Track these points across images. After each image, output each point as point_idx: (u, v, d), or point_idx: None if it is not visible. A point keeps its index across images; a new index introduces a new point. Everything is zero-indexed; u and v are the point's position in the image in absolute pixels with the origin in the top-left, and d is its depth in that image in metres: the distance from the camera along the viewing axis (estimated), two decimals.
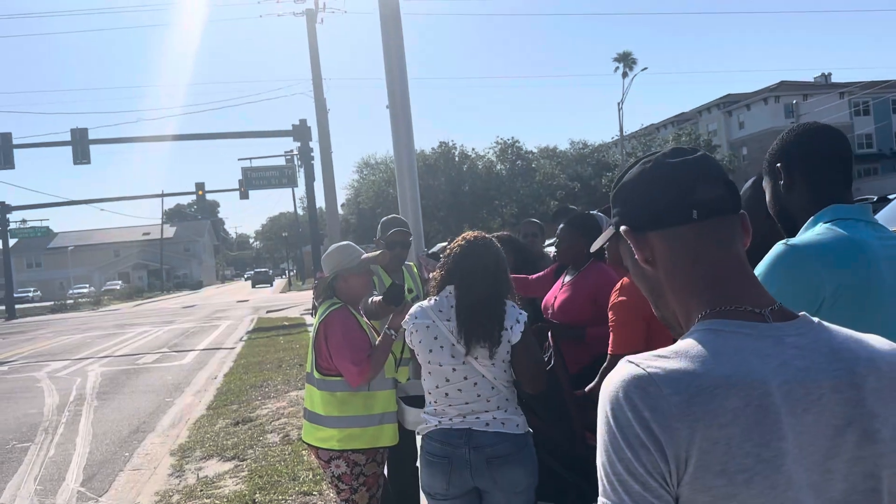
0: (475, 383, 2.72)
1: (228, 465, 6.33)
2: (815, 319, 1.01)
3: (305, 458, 6.12)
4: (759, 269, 1.63)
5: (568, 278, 3.75)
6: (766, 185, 1.86)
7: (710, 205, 1.05)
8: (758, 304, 1.01)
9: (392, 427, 3.39)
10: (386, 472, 3.65)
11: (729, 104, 56.48)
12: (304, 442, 3.51)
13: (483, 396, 2.72)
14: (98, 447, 7.61)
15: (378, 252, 3.67)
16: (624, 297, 2.79)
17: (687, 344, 0.97)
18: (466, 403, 2.73)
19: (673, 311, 1.09)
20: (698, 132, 50.70)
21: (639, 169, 1.12)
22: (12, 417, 9.68)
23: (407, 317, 2.90)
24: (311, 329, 3.50)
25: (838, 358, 0.96)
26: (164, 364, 14.21)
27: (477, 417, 2.72)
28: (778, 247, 1.62)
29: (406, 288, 4.06)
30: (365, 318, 3.49)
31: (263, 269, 69.99)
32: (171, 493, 5.71)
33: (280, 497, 5.25)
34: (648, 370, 0.93)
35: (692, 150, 1.12)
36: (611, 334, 2.85)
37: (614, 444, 0.92)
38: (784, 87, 52.51)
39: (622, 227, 1.12)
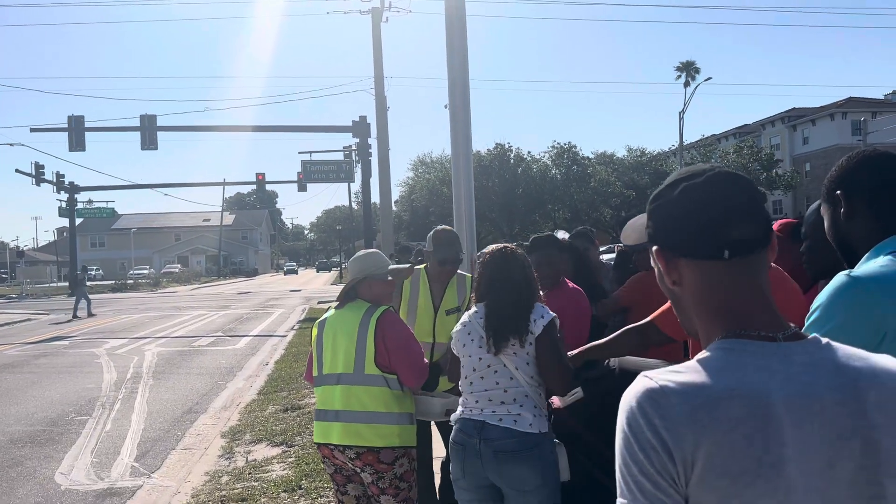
0: (496, 371, 2.84)
1: (276, 451, 6.50)
2: (825, 340, 1.09)
3: None
4: (821, 300, 1.59)
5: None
6: (825, 211, 1.79)
7: (743, 245, 1.10)
8: (772, 330, 1.09)
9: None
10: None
11: (794, 118, 54.84)
12: (349, 447, 3.24)
13: (501, 386, 2.82)
14: (152, 425, 7.89)
15: (406, 266, 3.72)
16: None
17: (700, 360, 1.07)
18: (485, 391, 2.84)
19: (696, 327, 1.18)
20: (760, 145, 49.50)
21: (680, 190, 1.15)
22: (72, 391, 10.09)
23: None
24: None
25: (842, 374, 1.04)
26: (218, 348, 14.62)
27: (493, 411, 2.81)
28: (839, 278, 1.58)
29: (455, 307, 4.18)
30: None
31: (324, 260, 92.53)
32: (220, 474, 5.90)
33: (325, 485, 5.36)
34: (660, 383, 1.03)
35: (736, 178, 1.14)
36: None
37: (629, 449, 1.02)
38: (852, 103, 50.75)
39: (654, 247, 1.18)
